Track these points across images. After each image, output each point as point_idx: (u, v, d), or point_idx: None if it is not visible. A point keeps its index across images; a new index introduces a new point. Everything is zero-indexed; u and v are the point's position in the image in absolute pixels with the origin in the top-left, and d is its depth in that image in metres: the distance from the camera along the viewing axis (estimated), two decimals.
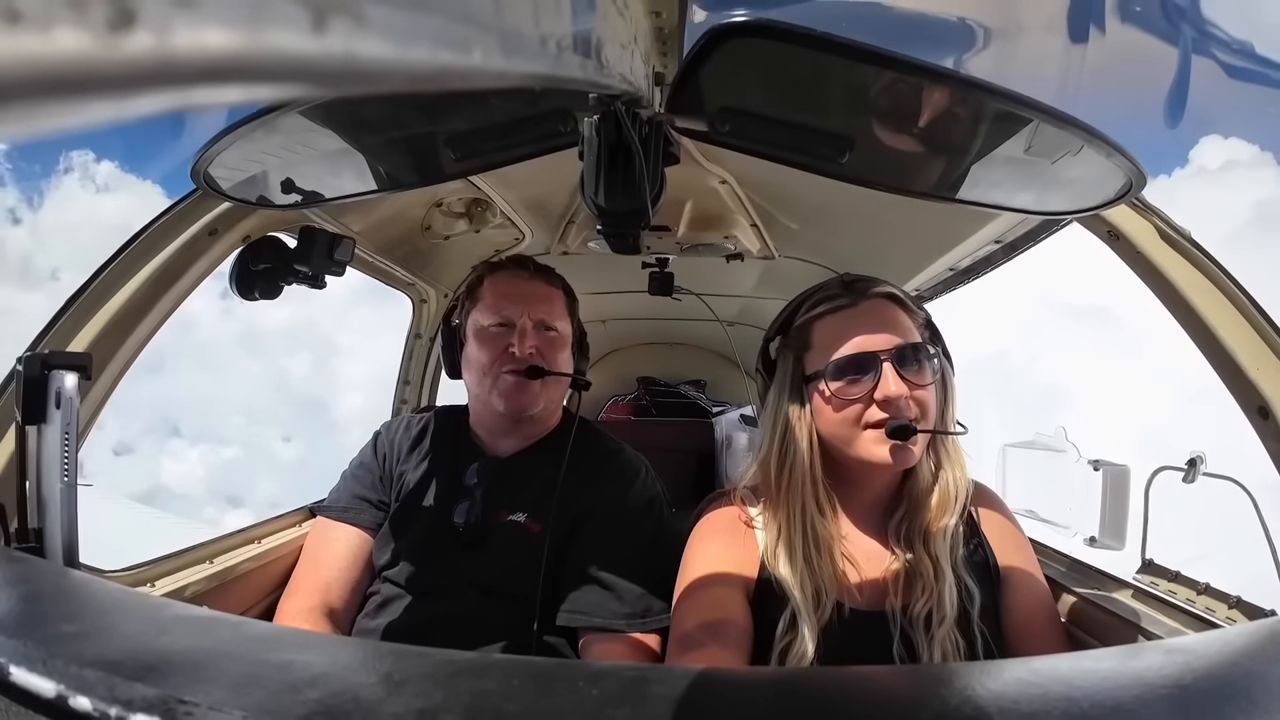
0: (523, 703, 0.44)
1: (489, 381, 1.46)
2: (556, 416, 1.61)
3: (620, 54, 0.62)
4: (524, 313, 1.47)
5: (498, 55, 0.31)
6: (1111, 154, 0.87)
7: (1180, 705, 0.44)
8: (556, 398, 1.57)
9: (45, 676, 0.45)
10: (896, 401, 1.09)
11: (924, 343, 1.14)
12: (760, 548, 1.17)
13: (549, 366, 1.46)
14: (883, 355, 1.10)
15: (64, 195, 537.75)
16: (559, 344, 1.51)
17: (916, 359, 1.11)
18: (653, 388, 3.72)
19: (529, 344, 1.45)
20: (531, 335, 1.46)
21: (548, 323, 1.49)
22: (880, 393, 1.09)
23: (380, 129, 1.05)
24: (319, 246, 1.42)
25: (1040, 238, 1.55)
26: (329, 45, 0.20)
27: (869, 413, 1.11)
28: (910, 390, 1.10)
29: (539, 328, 1.48)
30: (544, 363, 1.45)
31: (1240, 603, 1.15)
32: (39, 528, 0.96)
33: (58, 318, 1.18)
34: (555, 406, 1.59)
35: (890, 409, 1.09)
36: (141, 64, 0.16)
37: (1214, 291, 1.12)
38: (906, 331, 1.13)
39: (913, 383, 1.10)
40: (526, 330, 1.46)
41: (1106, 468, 1.44)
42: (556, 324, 1.51)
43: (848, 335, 1.13)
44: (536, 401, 1.48)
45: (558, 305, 1.53)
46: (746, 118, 0.90)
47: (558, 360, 1.50)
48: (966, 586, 1.12)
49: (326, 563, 1.47)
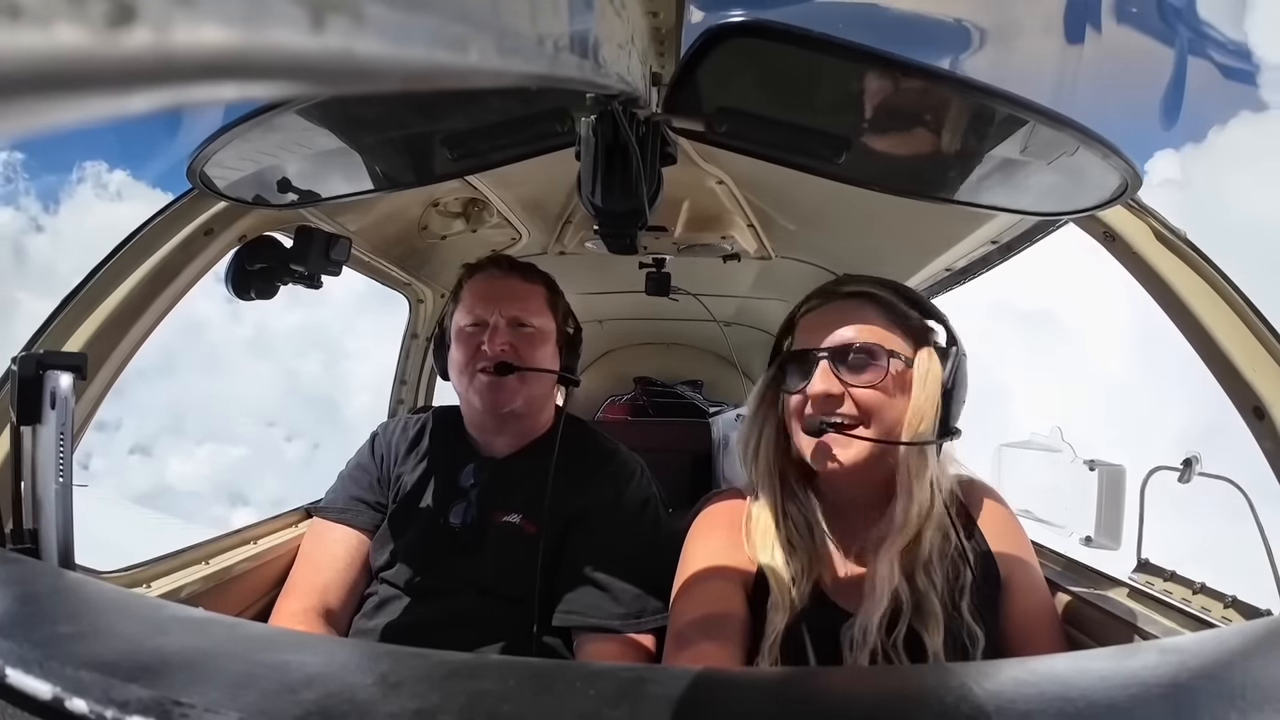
0: (519, 703, 0.44)
1: (466, 380, 1.47)
2: (548, 415, 1.60)
3: (617, 54, 0.62)
4: (496, 311, 1.47)
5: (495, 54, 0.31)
6: (1107, 155, 0.88)
7: (1176, 705, 0.44)
8: (539, 395, 1.54)
9: (41, 678, 0.45)
10: (821, 399, 1.08)
11: (878, 342, 1.10)
12: (756, 540, 1.17)
13: (523, 363, 1.45)
14: (820, 353, 1.10)
15: (80, 203, 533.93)
16: (536, 340, 1.49)
17: (860, 358, 1.09)
18: (650, 388, 3.73)
19: (500, 341, 1.44)
20: (504, 333, 1.45)
21: (521, 319, 1.48)
22: (810, 389, 1.09)
23: (377, 128, 1.05)
24: (315, 246, 1.42)
25: (1036, 238, 1.55)
26: (327, 43, 0.20)
27: (805, 409, 1.11)
28: (845, 389, 1.08)
29: (512, 325, 1.47)
30: (517, 359, 1.44)
31: (1235, 602, 1.15)
32: (34, 528, 0.96)
33: (53, 317, 1.17)
34: (541, 404, 1.57)
35: (816, 406, 1.09)
36: (141, 61, 0.16)
37: (1210, 292, 1.12)
38: (865, 330, 1.11)
39: (848, 382, 1.08)
40: (499, 328, 1.46)
41: (1102, 468, 1.44)
42: (533, 320, 1.49)
43: (806, 332, 1.15)
44: (513, 398, 1.47)
45: (534, 301, 1.51)
46: (744, 118, 0.90)
47: (534, 357, 1.48)
48: (969, 629, 1.08)
49: (323, 564, 1.47)
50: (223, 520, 14.75)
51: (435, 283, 2.30)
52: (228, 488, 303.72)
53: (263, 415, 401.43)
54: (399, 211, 1.81)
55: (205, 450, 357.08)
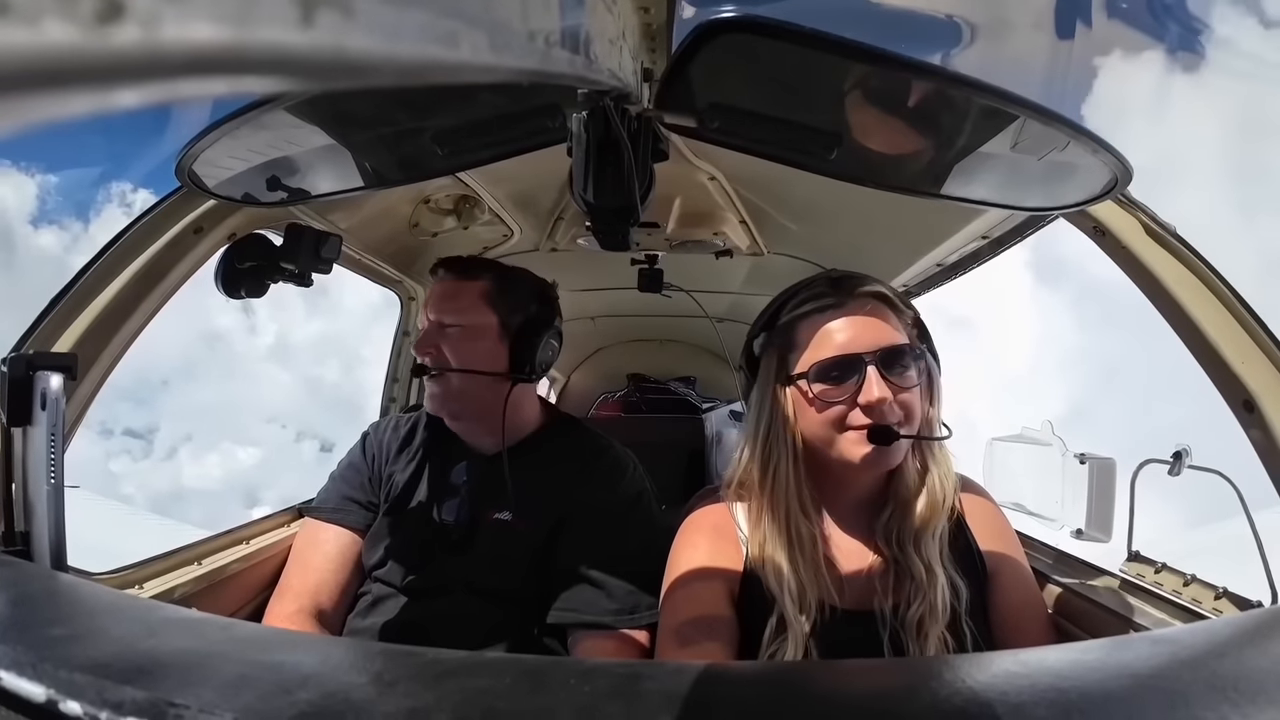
0: (514, 700, 0.44)
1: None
2: (532, 413, 1.59)
3: (609, 49, 0.62)
4: (425, 315, 1.48)
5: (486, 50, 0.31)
6: (1097, 150, 0.88)
7: (1167, 696, 0.44)
8: (482, 394, 1.47)
9: (35, 681, 0.44)
10: (880, 406, 1.06)
11: (910, 343, 1.11)
12: (745, 548, 1.16)
13: (449, 364, 1.44)
14: (867, 358, 1.08)
15: (107, 221, 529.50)
16: (463, 338, 1.45)
17: (902, 361, 1.09)
18: (642, 384, 3.73)
19: (424, 346, 1.45)
20: (429, 336, 1.45)
21: (444, 321, 1.46)
22: (864, 396, 1.07)
23: (367, 125, 1.04)
24: (305, 244, 1.41)
25: (1027, 233, 1.56)
26: (317, 38, 0.20)
27: (852, 415, 1.08)
28: (895, 394, 1.07)
29: (437, 328, 1.46)
30: (442, 361, 1.44)
31: (1226, 594, 1.16)
32: (26, 531, 0.95)
33: (42, 318, 1.16)
34: (490, 404, 1.47)
35: (873, 413, 1.07)
36: (129, 56, 0.16)
37: (1199, 286, 1.13)
38: (893, 332, 1.11)
39: (897, 386, 1.08)
40: (427, 332, 1.46)
41: (1092, 461, 1.45)
42: (460, 319, 1.45)
43: (832, 336, 1.11)
44: (444, 401, 1.47)
45: (465, 299, 1.47)
46: (735, 114, 0.90)
47: (462, 356, 1.44)
48: (954, 583, 1.11)
49: (315, 564, 1.46)
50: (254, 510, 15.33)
51: (426, 280, 2.29)
52: (248, 486, 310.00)
53: (284, 418, 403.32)
54: (390, 209, 1.80)
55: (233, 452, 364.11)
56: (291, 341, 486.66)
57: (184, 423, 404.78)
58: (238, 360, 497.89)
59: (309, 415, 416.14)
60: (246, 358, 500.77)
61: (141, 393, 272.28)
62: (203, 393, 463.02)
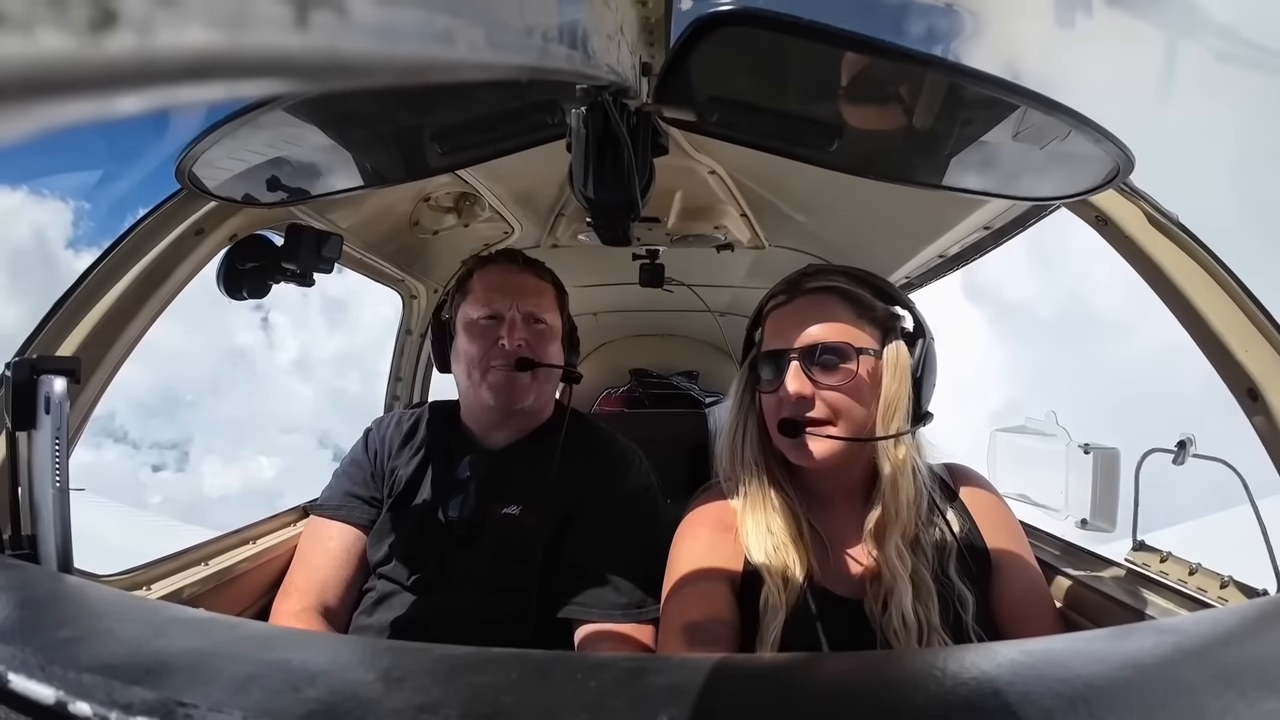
0: (521, 695, 0.44)
1: (479, 375, 1.46)
2: (549, 409, 1.61)
3: (607, 44, 0.62)
4: (513, 305, 1.47)
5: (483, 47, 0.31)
6: (1099, 139, 0.88)
7: (1173, 685, 0.44)
8: (549, 391, 1.56)
9: (44, 683, 0.45)
10: (793, 400, 1.10)
11: (847, 342, 1.11)
12: (742, 538, 1.17)
13: (538, 359, 1.46)
14: (792, 353, 1.12)
15: None
16: (548, 336, 1.51)
17: (825, 358, 1.11)
18: (645, 379, 3.73)
19: (518, 336, 1.45)
20: (520, 328, 1.46)
21: (537, 315, 1.49)
22: (782, 390, 1.12)
23: (366, 124, 1.04)
24: (306, 244, 1.41)
25: (1029, 223, 1.55)
26: (312, 40, 0.20)
27: (780, 407, 1.13)
28: (816, 389, 1.10)
29: (528, 320, 1.48)
30: (533, 355, 1.46)
31: (1231, 582, 1.16)
32: (32, 534, 0.96)
33: (45, 322, 1.16)
34: (547, 400, 1.58)
35: (787, 407, 1.12)
36: (124, 63, 0.16)
37: (1202, 275, 1.12)
38: (831, 329, 1.12)
39: (818, 382, 1.10)
40: (516, 323, 1.46)
41: (1097, 451, 1.45)
42: (546, 317, 1.50)
43: (779, 329, 1.16)
44: (526, 395, 1.48)
45: (547, 298, 1.53)
46: (734, 107, 0.90)
47: (547, 353, 1.50)
48: (958, 593, 1.11)
49: (320, 562, 1.47)
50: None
51: (428, 278, 2.29)
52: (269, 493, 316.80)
53: (306, 429, 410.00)
54: (390, 207, 1.80)
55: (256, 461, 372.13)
56: (313, 357, 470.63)
57: (210, 436, 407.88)
58: (259, 377, 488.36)
59: (330, 425, 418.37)
60: (267, 374, 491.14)
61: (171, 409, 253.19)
62: (227, 407, 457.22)
